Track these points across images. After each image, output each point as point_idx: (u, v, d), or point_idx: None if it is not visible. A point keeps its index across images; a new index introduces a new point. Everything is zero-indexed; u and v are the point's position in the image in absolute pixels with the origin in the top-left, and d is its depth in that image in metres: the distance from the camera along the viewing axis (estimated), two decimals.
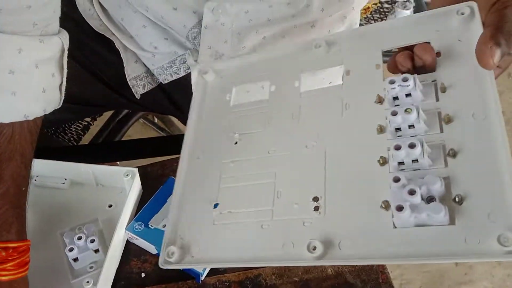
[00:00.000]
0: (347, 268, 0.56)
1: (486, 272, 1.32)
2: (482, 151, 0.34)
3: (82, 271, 0.54)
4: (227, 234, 0.40)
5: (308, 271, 0.56)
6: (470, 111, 0.36)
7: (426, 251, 0.33)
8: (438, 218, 0.33)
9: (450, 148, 0.35)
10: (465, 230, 0.32)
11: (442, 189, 0.34)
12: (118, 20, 0.65)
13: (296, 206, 0.39)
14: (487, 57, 0.35)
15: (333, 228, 0.36)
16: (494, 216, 0.32)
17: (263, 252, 0.38)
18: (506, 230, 0.31)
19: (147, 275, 0.56)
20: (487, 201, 0.32)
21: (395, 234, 0.34)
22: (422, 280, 1.30)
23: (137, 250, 0.58)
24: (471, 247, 0.31)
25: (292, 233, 0.38)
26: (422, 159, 0.35)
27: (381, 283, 0.55)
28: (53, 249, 0.56)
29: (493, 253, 0.31)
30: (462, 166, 0.34)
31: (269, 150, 0.43)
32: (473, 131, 0.35)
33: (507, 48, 0.35)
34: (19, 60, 0.47)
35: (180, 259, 0.40)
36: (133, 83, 0.68)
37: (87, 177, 0.61)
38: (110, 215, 0.59)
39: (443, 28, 0.41)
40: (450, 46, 0.40)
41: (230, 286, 0.55)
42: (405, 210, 0.33)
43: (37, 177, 0.62)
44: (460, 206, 0.33)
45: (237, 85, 0.50)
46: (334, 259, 0.35)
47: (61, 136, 0.95)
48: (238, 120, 0.47)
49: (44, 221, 0.59)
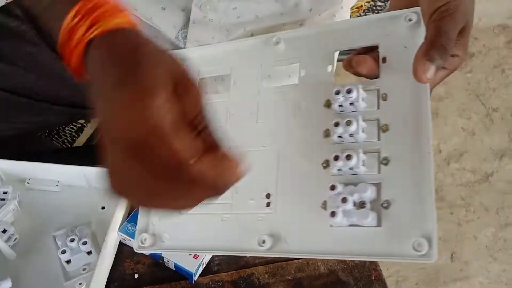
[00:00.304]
0: (340, 266, 0.57)
1: (482, 268, 1.32)
2: (411, 160, 0.37)
3: (75, 273, 0.54)
4: (193, 224, 0.44)
5: (300, 270, 0.57)
6: (404, 120, 0.38)
7: (356, 249, 0.37)
8: (369, 222, 0.36)
9: (384, 156, 0.38)
10: (389, 233, 0.35)
11: (372, 195, 0.37)
12: None
13: (251, 202, 0.42)
14: (419, 73, 0.36)
15: (281, 223, 0.40)
16: (414, 222, 0.35)
17: (222, 242, 0.42)
18: (420, 237, 0.34)
19: (140, 276, 0.56)
20: (409, 208, 0.35)
21: (331, 232, 0.38)
22: (418, 277, 1.31)
23: (130, 251, 0.58)
24: (392, 248, 0.35)
25: (247, 227, 0.41)
26: (358, 169, 0.38)
27: (374, 280, 0.55)
28: (46, 252, 0.56)
29: (409, 255, 0.34)
30: (392, 174, 0.37)
31: (230, 147, 0.45)
32: (405, 140, 0.38)
33: (441, 61, 0.36)
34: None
35: (152, 245, 0.44)
36: None
37: (80, 179, 0.61)
38: (103, 217, 0.59)
39: (392, 32, 0.42)
40: (396, 53, 0.41)
41: (223, 286, 0.56)
42: (337, 215, 0.37)
43: (30, 179, 0.62)
44: (387, 210, 0.36)
45: (202, 76, 0.50)
46: (280, 252, 0.39)
47: (55, 139, 0.95)
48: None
49: (37, 224, 0.59)
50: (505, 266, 1.33)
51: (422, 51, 0.37)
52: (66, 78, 0.70)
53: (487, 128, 1.61)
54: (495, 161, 1.53)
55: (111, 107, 0.28)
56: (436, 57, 0.36)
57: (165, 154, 0.27)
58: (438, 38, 0.37)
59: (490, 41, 1.84)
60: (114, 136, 0.28)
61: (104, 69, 0.30)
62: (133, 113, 0.27)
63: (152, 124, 0.27)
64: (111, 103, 0.28)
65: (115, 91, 0.28)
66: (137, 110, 0.27)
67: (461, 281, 1.30)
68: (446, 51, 0.36)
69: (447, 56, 0.37)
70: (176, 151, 0.28)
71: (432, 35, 0.37)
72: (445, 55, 0.36)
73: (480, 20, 1.89)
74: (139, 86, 0.28)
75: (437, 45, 0.36)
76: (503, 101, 1.65)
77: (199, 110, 0.31)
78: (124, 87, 0.28)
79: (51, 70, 0.68)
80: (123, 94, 0.28)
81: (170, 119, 0.28)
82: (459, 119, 1.63)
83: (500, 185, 1.49)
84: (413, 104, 0.38)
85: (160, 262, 0.57)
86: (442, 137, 1.59)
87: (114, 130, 0.28)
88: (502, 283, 1.30)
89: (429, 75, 0.36)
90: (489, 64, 1.76)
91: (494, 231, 1.39)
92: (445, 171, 1.52)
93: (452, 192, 1.48)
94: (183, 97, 0.29)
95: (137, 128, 0.27)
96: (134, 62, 0.29)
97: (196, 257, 0.55)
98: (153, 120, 0.27)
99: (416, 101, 0.38)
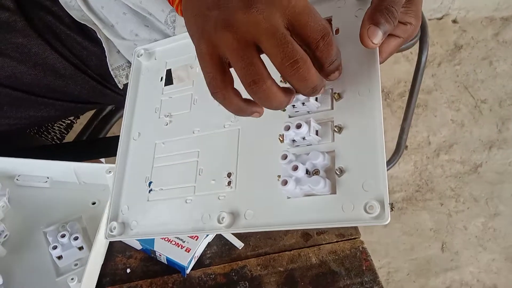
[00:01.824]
0: (331, 256, 0.57)
1: (472, 258, 1.34)
2: (363, 127, 0.37)
3: (67, 269, 0.54)
4: (159, 209, 0.45)
5: (292, 261, 0.57)
6: (357, 88, 0.39)
7: (311, 218, 0.37)
8: (321, 189, 0.36)
9: (336, 125, 0.38)
10: (343, 199, 0.36)
11: (325, 162, 0.38)
12: (99, 9, 0.65)
13: (213, 182, 0.43)
14: (365, 38, 0.36)
15: (240, 200, 0.41)
16: (367, 186, 0.35)
17: (187, 224, 0.43)
18: (372, 199, 0.34)
19: (133, 271, 0.57)
20: (362, 173, 0.36)
21: (288, 204, 0.38)
22: (410, 268, 1.32)
23: (122, 246, 0.58)
24: (346, 214, 0.35)
25: (209, 207, 0.42)
26: (309, 137, 0.38)
27: (365, 270, 0.56)
28: (37, 248, 0.56)
29: (362, 219, 0.34)
30: (345, 141, 0.38)
31: (194, 130, 0.47)
32: (357, 108, 0.38)
33: (388, 25, 0.35)
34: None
35: (121, 233, 0.45)
36: (115, 73, 0.68)
37: (69, 175, 0.61)
38: (94, 212, 0.59)
39: (342, 4, 0.42)
40: (348, 23, 0.41)
41: (215, 279, 0.56)
42: (289, 184, 0.36)
43: (19, 176, 0.62)
44: (341, 177, 0.37)
45: (169, 66, 0.52)
46: (239, 227, 0.40)
47: (44, 136, 0.94)
48: (168, 101, 0.50)
49: (27, 220, 0.59)
50: (495, 255, 1.34)
51: (367, 15, 0.36)
52: (57, 69, 0.70)
53: (476, 119, 1.62)
54: (484, 152, 1.55)
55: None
56: (381, 21, 0.35)
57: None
58: (382, 2, 0.36)
59: (478, 33, 1.85)
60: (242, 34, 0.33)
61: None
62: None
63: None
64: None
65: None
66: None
67: (452, 271, 1.32)
68: (392, 14, 0.35)
69: (393, 19, 0.36)
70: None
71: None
72: (391, 19, 0.35)
73: (468, 13, 1.90)
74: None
75: (381, 8, 0.35)
76: (491, 93, 1.67)
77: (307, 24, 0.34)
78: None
79: (43, 61, 0.68)
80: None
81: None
82: (448, 111, 1.64)
83: (489, 175, 1.50)
84: (364, 72, 0.38)
85: (152, 256, 0.57)
86: (431, 129, 1.61)
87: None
88: (492, 272, 1.32)
89: (375, 40, 0.36)
90: (477, 56, 1.77)
91: (484, 221, 1.41)
92: (435, 163, 1.53)
93: (442, 183, 1.49)
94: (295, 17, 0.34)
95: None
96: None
97: (188, 250, 0.55)
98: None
99: (367, 69, 0.38)
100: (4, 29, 0.67)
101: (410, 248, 1.36)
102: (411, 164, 1.53)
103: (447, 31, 1.87)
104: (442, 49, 1.81)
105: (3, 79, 0.67)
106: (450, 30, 1.87)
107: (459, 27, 1.88)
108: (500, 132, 1.59)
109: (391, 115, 1.63)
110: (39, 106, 0.71)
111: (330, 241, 0.59)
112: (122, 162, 0.49)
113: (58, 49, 0.68)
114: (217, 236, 0.59)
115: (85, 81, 0.72)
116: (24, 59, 0.67)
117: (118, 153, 0.49)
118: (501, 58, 1.76)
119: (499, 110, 1.64)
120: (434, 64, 1.77)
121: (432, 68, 1.75)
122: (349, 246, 0.58)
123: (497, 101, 1.65)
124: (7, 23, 0.67)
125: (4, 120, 0.70)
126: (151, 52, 0.53)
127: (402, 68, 1.73)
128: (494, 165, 1.52)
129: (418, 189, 1.48)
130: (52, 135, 0.95)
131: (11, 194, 0.60)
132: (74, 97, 0.74)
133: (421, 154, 1.55)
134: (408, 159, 1.54)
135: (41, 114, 0.73)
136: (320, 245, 0.59)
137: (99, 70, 0.71)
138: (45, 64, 0.68)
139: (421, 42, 1.17)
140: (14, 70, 0.67)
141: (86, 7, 0.65)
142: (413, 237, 1.38)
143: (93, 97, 0.76)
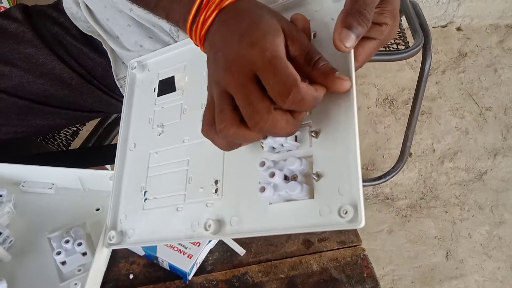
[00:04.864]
0: (332, 263, 0.57)
1: (477, 266, 1.33)
2: (338, 131, 0.37)
3: (70, 274, 0.55)
4: (153, 217, 0.46)
5: (294, 268, 0.57)
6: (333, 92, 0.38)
7: (290, 224, 0.37)
8: (298, 194, 0.36)
9: (313, 130, 0.39)
10: (321, 203, 0.36)
11: (303, 167, 0.38)
12: (104, 21, 0.66)
13: (201, 190, 0.44)
14: (337, 42, 0.36)
15: (226, 207, 0.42)
16: (342, 190, 0.35)
17: (178, 232, 0.43)
18: (346, 203, 0.34)
19: (135, 277, 0.57)
20: (338, 177, 0.36)
21: (270, 210, 0.39)
22: (414, 276, 1.32)
23: (125, 252, 0.59)
24: (324, 218, 0.35)
25: (198, 214, 0.43)
26: (287, 143, 0.39)
27: (366, 278, 0.56)
28: (41, 253, 0.57)
29: (338, 223, 0.34)
30: (322, 145, 0.38)
31: (184, 139, 0.47)
32: (333, 112, 0.38)
33: (361, 28, 0.35)
34: None
35: (119, 241, 0.46)
36: (121, 83, 0.69)
37: (74, 181, 0.62)
38: (98, 218, 0.59)
39: (320, 7, 0.42)
40: (325, 26, 0.41)
41: (217, 285, 0.56)
42: (267, 190, 0.37)
43: (25, 182, 0.63)
44: (318, 182, 0.37)
45: (161, 77, 0.53)
46: (225, 234, 0.40)
47: (50, 143, 0.95)
48: (161, 112, 0.51)
49: (32, 226, 0.59)
50: (500, 263, 1.33)
51: (339, 19, 0.36)
52: (64, 79, 0.71)
53: (481, 127, 1.62)
54: (489, 160, 1.55)
55: (238, 48, 0.36)
56: (353, 24, 0.35)
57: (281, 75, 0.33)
58: (354, 5, 0.36)
59: (483, 41, 1.86)
60: (238, 71, 0.35)
61: (230, 27, 0.37)
62: (256, 48, 0.35)
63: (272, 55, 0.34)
64: (238, 45, 0.36)
65: (242, 37, 0.36)
66: (260, 45, 0.35)
67: (457, 279, 1.31)
68: (364, 16, 0.35)
69: (365, 22, 0.36)
70: (289, 73, 0.34)
71: (349, 2, 0.36)
72: (363, 21, 0.35)
73: (472, 20, 1.90)
74: (261, 32, 0.35)
75: (353, 11, 0.35)
76: (496, 100, 1.66)
77: (307, 47, 0.36)
78: (249, 35, 0.35)
79: (50, 71, 0.69)
80: (248, 38, 0.35)
81: (283, 52, 0.35)
82: (452, 118, 1.64)
83: (494, 183, 1.50)
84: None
85: (155, 262, 0.57)
86: (435, 136, 1.61)
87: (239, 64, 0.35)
88: (497, 280, 1.31)
89: (348, 44, 0.36)
90: (481, 63, 1.77)
91: (489, 229, 1.40)
92: (439, 170, 1.53)
93: (447, 191, 1.49)
94: (293, 39, 0.36)
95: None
96: (253, 20, 0.37)
97: (190, 256, 0.56)
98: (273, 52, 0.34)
99: (344, 71, 0.38)
100: (12, 39, 0.68)
101: (414, 256, 1.35)
102: (416, 171, 1.53)
103: (451, 38, 1.88)
104: (447, 57, 1.81)
105: (11, 88, 0.68)
106: (454, 37, 1.88)
107: (464, 35, 1.88)
108: (505, 140, 1.59)
109: (395, 123, 1.63)
110: (46, 115, 0.72)
111: (331, 248, 0.59)
112: (120, 172, 0.50)
113: (65, 59, 0.69)
114: (219, 243, 0.59)
115: (91, 90, 0.73)
116: (31, 68, 0.68)
117: (116, 164, 0.50)
118: (506, 66, 1.76)
119: (504, 118, 1.63)
120: (439, 72, 1.77)
121: (436, 76, 1.76)
122: (350, 253, 0.58)
123: (502, 109, 1.65)
124: (15, 34, 0.68)
125: (11, 128, 0.72)
126: (144, 64, 0.54)
127: (406, 76, 1.74)
128: (499, 172, 1.52)
129: (423, 196, 1.48)
130: (58, 142, 0.96)
131: (16, 200, 0.60)
132: (80, 106, 0.75)
133: (425, 162, 1.55)
134: (412, 166, 1.54)
135: (48, 123, 0.74)
136: (321, 252, 0.59)
137: (105, 80, 0.72)
138: (52, 74, 0.69)
139: (425, 50, 1.18)
140: (21, 80, 0.68)
141: (92, 19, 0.66)
142: (418, 245, 1.38)
143: (98, 106, 0.77)
